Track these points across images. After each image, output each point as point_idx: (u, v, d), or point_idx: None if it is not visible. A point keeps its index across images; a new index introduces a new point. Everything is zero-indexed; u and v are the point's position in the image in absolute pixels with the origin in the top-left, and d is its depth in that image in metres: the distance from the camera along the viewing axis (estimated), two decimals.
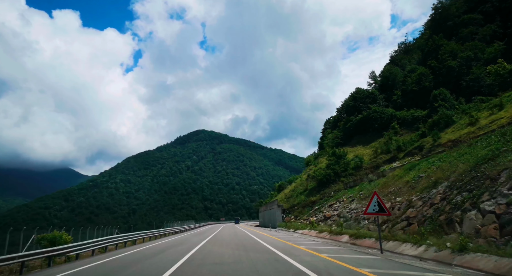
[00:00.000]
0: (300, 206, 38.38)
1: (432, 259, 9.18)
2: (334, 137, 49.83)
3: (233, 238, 20.06)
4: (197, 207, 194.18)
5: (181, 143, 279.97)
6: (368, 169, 37.52)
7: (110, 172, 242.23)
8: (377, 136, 43.01)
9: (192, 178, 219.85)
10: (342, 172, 38.31)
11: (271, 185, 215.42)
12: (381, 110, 42.87)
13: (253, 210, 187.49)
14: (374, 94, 46.27)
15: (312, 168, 49.19)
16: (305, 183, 43.86)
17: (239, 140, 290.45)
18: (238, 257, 10.50)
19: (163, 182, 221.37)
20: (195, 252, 12.57)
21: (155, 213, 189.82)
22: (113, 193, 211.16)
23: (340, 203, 28.36)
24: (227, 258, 10.38)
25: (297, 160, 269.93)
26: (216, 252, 12.58)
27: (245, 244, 15.13)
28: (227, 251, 12.44)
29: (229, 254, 11.39)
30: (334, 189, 37.19)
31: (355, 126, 45.85)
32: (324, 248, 13.04)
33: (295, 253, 11.20)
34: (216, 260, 9.98)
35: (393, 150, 36.59)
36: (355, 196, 26.29)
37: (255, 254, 11.27)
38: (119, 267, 10.10)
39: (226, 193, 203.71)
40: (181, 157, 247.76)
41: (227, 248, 13.88)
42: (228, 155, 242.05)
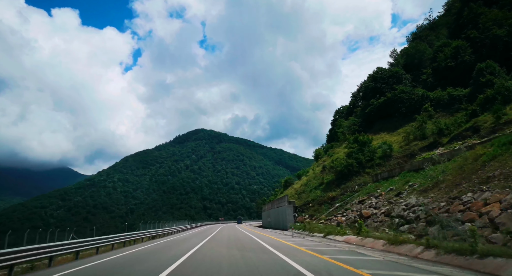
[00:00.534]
0: (316, 203, 30.89)
1: None
2: (351, 124, 42.22)
3: (235, 252, 12.06)
4: (196, 207, 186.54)
5: (180, 142, 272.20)
6: (400, 158, 30.06)
7: (108, 171, 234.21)
8: (405, 121, 35.58)
9: (191, 177, 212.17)
10: (367, 161, 30.88)
11: (271, 185, 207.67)
12: (410, 91, 35.44)
13: (253, 210, 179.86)
14: (399, 73, 38.81)
15: (325, 159, 41.84)
16: (320, 176, 36.36)
17: (239, 139, 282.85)
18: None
19: (161, 181, 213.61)
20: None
21: (153, 212, 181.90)
22: (110, 192, 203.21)
23: (377, 198, 20.90)
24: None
25: (297, 159, 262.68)
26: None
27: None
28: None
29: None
30: (358, 181, 29.74)
31: (377, 111, 38.43)
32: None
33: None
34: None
35: (431, 135, 29.16)
36: (403, 189, 18.85)
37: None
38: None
39: (225, 192, 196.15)
40: (180, 156, 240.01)
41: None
42: (228, 154, 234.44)
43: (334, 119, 60.38)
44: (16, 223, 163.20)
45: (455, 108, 31.38)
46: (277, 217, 36.84)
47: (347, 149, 34.08)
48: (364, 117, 40.88)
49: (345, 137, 41.90)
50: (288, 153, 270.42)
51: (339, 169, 31.25)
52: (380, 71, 40.96)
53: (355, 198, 26.31)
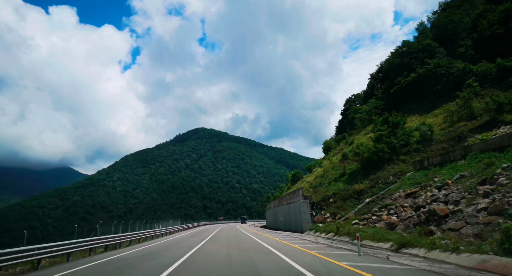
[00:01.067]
0: (339, 198, 24.26)
1: None
2: (371, 107, 35.46)
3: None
4: (196, 206, 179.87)
5: (180, 141, 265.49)
6: (443, 142, 23.48)
7: (108, 170, 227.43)
8: (442, 101, 29.01)
9: (191, 176, 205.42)
10: (402, 147, 24.35)
11: (272, 184, 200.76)
12: (448, 64, 28.87)
13: (254, 209, 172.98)
14: (431, 46, 32.16)
15: (343, 147, 35.28)
16: (340, 166, 29.67)
17: (239, 138, 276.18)
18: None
19: (161, 180, 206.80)
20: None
21: (153, 212, 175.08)
22: (109, 191, 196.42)
23: (441, 189, 14.35)
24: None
25: (298, 158, 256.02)
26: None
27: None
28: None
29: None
30: (392, 171, 23.18)
31: (405, 91, 31.82)
32: None
33: None
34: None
35: (485, 112, 22.66)
36: (489, 174, 12.33)
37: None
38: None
39: (226, 191, 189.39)
40: (180, 155, 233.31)
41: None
42: (228, 153, 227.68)
43: (345, 109, 53.85)
44: (12, 223, 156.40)
45: (509, 82, 24.80)
46: (288, 215, 30.20)
47: (374, 132, 27.49)
48: (388, 99, 34.21)
49: (365, 123, 35.40)
50: (289, 151, 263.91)
51: (366, 156, 24.61)
52: (407, 45, 34.35)
53: (394, 191, 19.73)
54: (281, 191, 55.32)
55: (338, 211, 22.99)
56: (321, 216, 23.90)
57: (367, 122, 35.10)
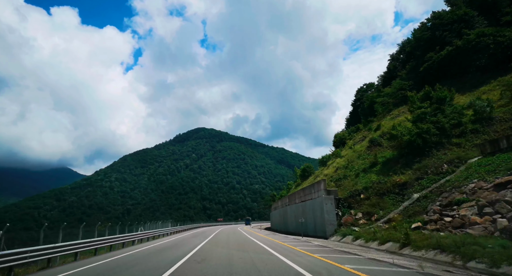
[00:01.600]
0: (372, 193, 18.69)
1: None
2: (397, 88, 29.62)
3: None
4: (196, 207, 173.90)
5: (180, 141, 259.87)
6: (509, 121, 17.98)
7: (106, 171, 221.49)
8: (490, 76, 23.53)
9: (190, 176, 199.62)
10: (454, 127, 18.89)
11: (273, 184, 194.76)
12: (495, 33, 23.44)
13: (255, 210, 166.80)
14: (468, 15, 26.63)
15: (366, 134, 29.64)
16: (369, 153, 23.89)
17: (240, 138, 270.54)
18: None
19: (160, 180, 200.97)
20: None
21: (151, 213, 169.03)
22: (107, 192, 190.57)
23: None
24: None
25: (299, 158, 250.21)
26: None
27: None
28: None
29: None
30: (446, 158, 17.66)
31: (438, 67, 26.28)
32: None
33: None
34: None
35: None
36: None
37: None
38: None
39: (226, 192, 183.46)
40: (180, 155, 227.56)
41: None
42: (229, 153, 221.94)
43: (356, 99, 48.36)
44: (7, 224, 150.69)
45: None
46: (303, 216, 24.53)
47: (411, 111, 21.75)
48: (416, 78, 28.55)
49: (389, 107, 29.82)
50: (290, 152, 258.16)
51: (406, 139, 19.03)
52: (438, 17, 28.63)
53: (460, 183, 14.18)
54: (288, 189, 49.58)
55: (374, 210, 17.41)
56: (350, 216, 18.31)
57: (391, 105, 29.55)
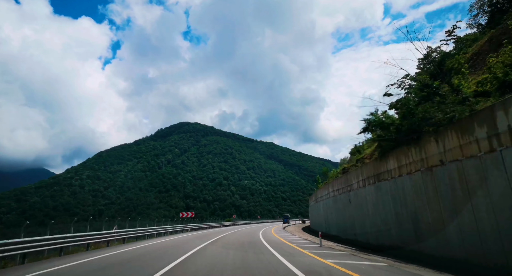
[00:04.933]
0: None
1: None
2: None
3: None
4: (178, 206, 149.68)
5: (162, 136, 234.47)
6: None
7: (77, 168, 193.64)
8: None
9: (172, 172, 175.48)
10: None
11: (264, 180, 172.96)
12: None
13: (244, 208, 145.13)
14: None
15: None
16: None
17: (227, 133, 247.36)
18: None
19: (138, 177, 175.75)
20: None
21: (126, 214, 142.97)
22: (76, 191, 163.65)
23: None
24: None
25: (290, 153, 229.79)
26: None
27: None
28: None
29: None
30: None
31: None
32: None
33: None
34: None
35: None
36: None
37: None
38: None
39: (212, 189, 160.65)
40: (161, 151, 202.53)
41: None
42: (215, 147, 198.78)
43: None
44: None
45: None
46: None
47: None
48: None
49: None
50: (280, 146, 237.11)
51: None
52: None
53: None
54: (335, 171, 28.43)
55: None
56: None
57: None
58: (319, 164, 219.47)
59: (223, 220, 65.91)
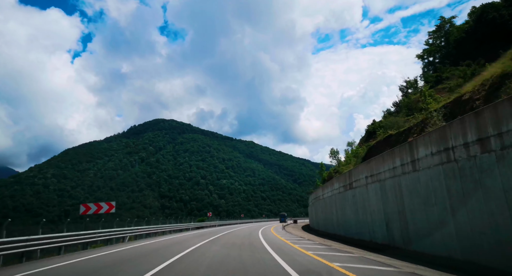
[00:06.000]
0: None
1: None
2: None
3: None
4: (152, 206, 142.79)
5: (135, 133, 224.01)
6: None
7: (42, 166, 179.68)
8: None
9: (146, 171, 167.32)
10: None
11: (243, 179, 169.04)
12: None
13: (222, 208, 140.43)
14: None
15: None
16: None
17: (205, 131, 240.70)
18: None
19: (109, 176, 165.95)
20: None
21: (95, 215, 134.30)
22: (40, 191, 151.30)
23: None
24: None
25: (270, 152, 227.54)
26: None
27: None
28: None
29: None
30: None
31: None
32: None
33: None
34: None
35: None
36: None
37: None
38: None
39: (189, 188, 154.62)
40: (135, 148, 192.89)
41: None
42: (192, 145, 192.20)
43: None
44: None
45: None
46: None
47: None
48: None
49: None
50: (260, 145, 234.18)
51: None
52: None
53: None
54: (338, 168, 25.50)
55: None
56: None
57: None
58: (299, 163, 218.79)
59: (193, 221, 47.51)
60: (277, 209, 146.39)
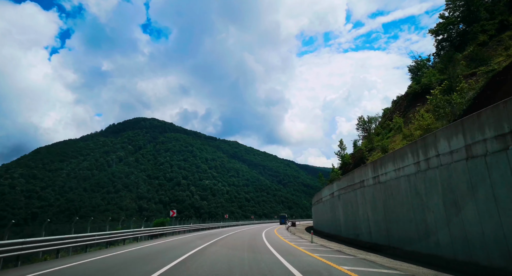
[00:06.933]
0: None
1: None
2: None
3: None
4: (129, 208, 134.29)
5: (114, 131, 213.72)
6: None
7: (9, 166, 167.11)
8: None
9: (124, 171, 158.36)
10: None
11: (226, 180, 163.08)
12: None
13: (204, 210, 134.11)
14: None
15: None
16: None
17: (188, 130, 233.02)
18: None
19: (83, 177, 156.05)
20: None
21: (66, 217, 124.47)
22: (5, 192, 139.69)
23: None
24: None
25: (254, 153, 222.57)
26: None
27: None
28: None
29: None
30: None
31: None
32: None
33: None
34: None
35: None
36: None
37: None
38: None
39: (169, 189, 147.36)
40: (113, 147, 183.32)
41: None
42: (174, 145, 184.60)
43: None
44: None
45: None
46: None
47: None
48: None
49: None
50: (244, 146, 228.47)
51: None
52: None
53: None
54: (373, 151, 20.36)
55: None
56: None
57: None
58: (283, 164, 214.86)
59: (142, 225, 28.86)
60: (261, 211, 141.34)
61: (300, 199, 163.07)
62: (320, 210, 28.26)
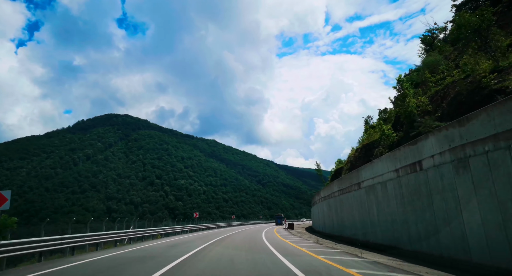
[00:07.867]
0: None
1: None
2: None
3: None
4: (96, 210, 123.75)
5: (83, 128, 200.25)
6: None
7: None
8: None
9: (92, 170, 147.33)
10: None
11: (203, 180, 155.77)
12: None
13: (179, 211, 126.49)
14: None
15: None
16: None
17: (163, 128, 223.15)
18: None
19: (45, 176, 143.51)
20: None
21: (24, 219, 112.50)
22: None
23: None
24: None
25: (233, 152, 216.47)
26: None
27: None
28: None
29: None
30: None
31: None
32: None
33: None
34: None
35: None
36: None
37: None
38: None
39: (141, 189, 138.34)
40: (80, 145, 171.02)
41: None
42: (147, 142, 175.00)
43: None
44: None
45: None
46: None
47: None
48: None
49: None
50: (223, 144, 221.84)
51: None
52: None
53: None
54: None
55: None
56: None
57: None
58: (263, 164, 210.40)
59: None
60: (240, 212, 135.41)
61: (280, 199, 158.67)
62: (320, 210, 24.46)
